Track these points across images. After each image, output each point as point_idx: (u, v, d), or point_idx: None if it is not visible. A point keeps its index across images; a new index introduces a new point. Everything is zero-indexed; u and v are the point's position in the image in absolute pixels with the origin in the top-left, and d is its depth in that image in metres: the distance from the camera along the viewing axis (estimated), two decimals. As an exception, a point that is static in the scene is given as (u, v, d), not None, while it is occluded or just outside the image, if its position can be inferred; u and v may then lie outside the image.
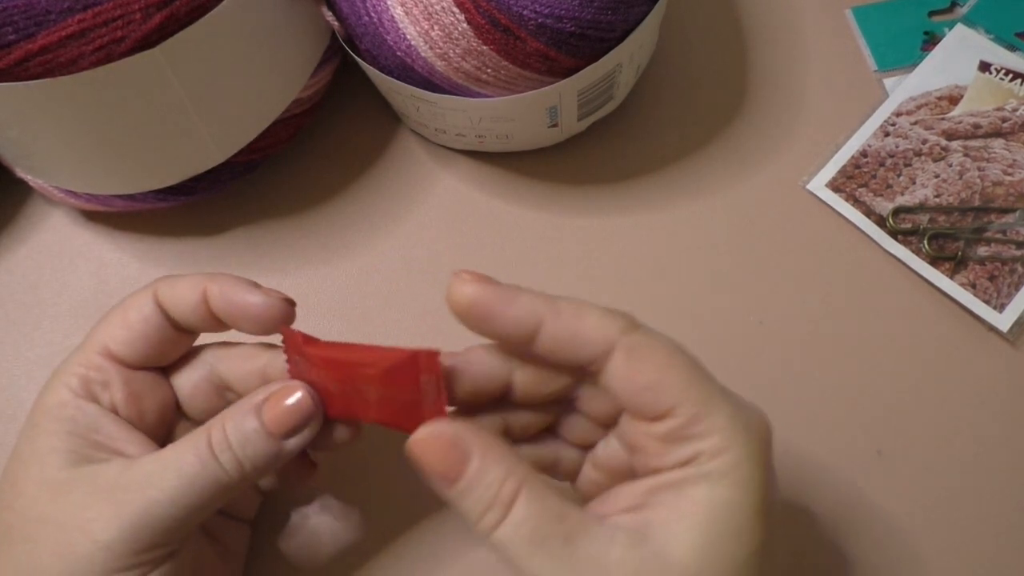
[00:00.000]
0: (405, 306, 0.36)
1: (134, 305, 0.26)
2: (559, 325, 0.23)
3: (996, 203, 0.37)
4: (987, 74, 0.39)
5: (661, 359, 0.23)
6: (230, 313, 0.26)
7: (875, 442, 0.33)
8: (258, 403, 0.25)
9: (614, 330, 0.23)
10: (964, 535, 0.31)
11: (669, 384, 0.23)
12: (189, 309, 0.26)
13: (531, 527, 0.22)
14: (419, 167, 0.39)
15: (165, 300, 0.26)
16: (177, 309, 0.26)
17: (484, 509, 0.23)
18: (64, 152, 0.32)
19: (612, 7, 0.31)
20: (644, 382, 0.23)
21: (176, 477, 0.24)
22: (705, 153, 0.39)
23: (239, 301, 0.26)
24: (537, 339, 0.23)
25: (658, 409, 0.23)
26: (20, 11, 0.27)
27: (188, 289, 0.26)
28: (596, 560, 0.22)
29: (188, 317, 0.26)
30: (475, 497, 0.23)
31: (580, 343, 0.23)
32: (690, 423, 0.23)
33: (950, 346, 0.35)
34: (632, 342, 0.23)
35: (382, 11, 0.31)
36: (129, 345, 0.26)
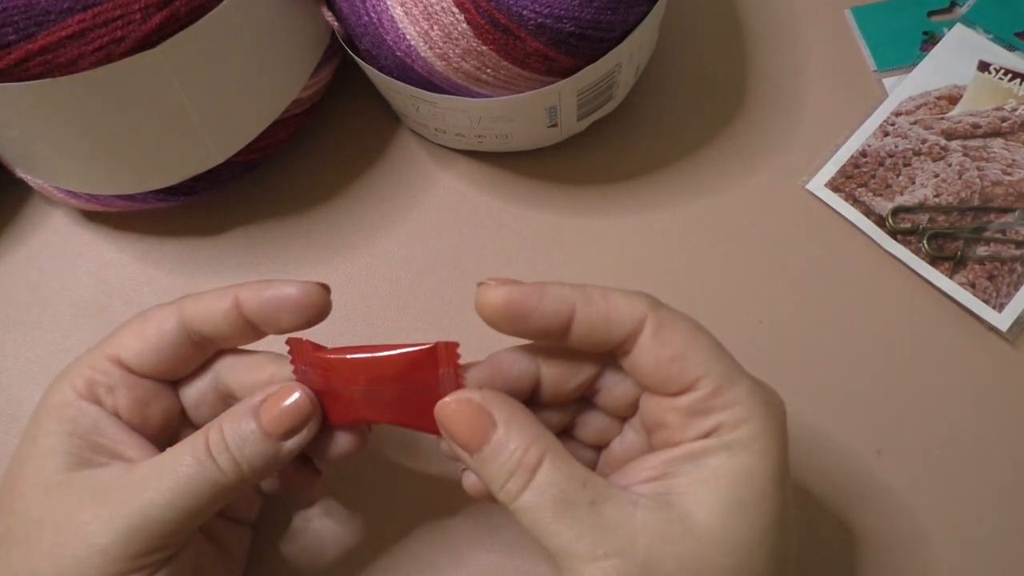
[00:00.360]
0: (405, 306, 0.36)
1: (154, 318, 0.26)
2: (592, 310, 0.24)
3: (995, 203, 0.37)
4: (986, 74, 0.39)
5: (687, 333, 0.24)
6: (267, 312, 0.25)
7: (875, 442, 0.33)
8: (255, 404, 0.25)
9: (642, 307, 0.24)
10: (964, 535, 0.31)
11: (695, 356, 0.24)
12: (220, 318, 0.26)
13: (556, 492, 0.22)
14: (419, 167, 0.39)
15: (192, 315, 0.26)
16: (206, 322, 0.26)
17: (508, 474, 0.23)
18: (64, 152, 0.32)
19: (612, 7, 0.31)
20: (671, 353, 0.24)
21: (173, 479, 0.24)
22: (705, 153, 0.39)
23: (276, 297, 0.25)
24: (572, 327, 0.24)
25: (684, 381, 0.24)
26: (20, 11, 0.27)
27: (216, 299, 0.26)
28: (621, 523, 0.22)
29: (219, 327, 0.26)
30: (499, 462, 0.23)
31: (613, 323, 0.24)
32: (713, 395, 0.23)
33: (950, 346, 0.35)
34: (660, 317, 0.24)
35: (382, 11, 0.31)
36: (140, 356, 0.26)
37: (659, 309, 0.24)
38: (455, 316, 0.36)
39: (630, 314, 0.24)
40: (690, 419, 0.24)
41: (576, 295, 0.24)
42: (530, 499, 0.23)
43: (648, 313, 0.24)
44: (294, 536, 0.32)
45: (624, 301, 0.24)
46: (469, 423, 0.24)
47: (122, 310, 0.37)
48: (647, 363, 0.24)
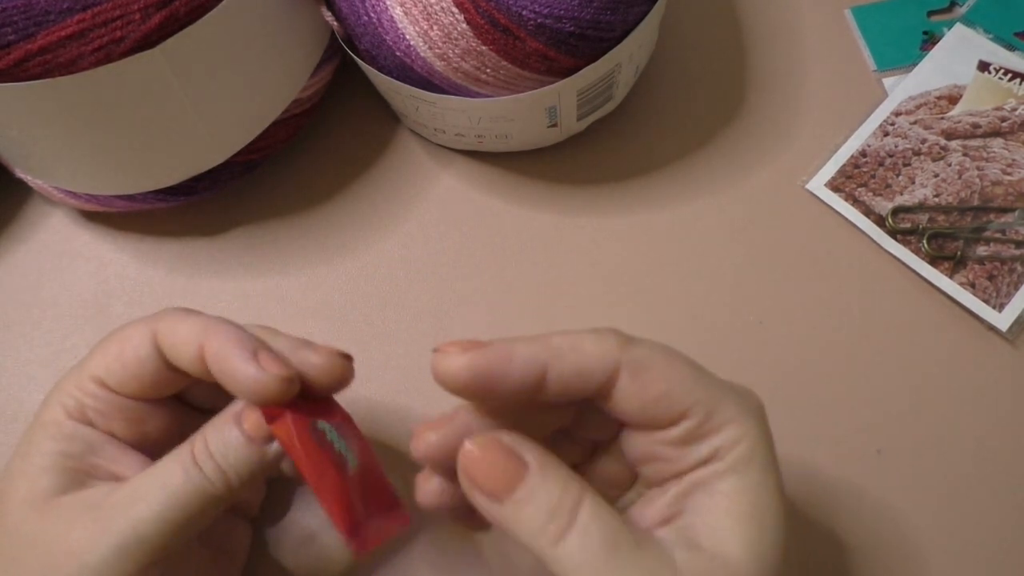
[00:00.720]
0: (405, 306, 0.36)
1: (131, 341, 0.25)
2: (564, 365, 0.22)
3: (995, 202, 0.37)
4: (986, 74, 0.39)
5: (664, 368, 0.23)
6: (221, 379, 0.24)
7: (875, 442, 0.33)
8: (237, 412, 0.25)
9: (613, 350, 0.23)
10: (964, 534, 0.31)
11: (678, 389, 0.23)
12: (187, 361, 0.24)
13: (603, 534, 0.21)
14: (418, 167, 0.39)
15: (164, 345, 0.25)
16: (176, 357, 0.25)
17: (547, 518, 0.21)
18: (64, 152, 0.32)
19: (611, 7, 0.31)
20: (655, 394, 0.23)
21: (162, 493, 0.23)
22: (704, 153, 0.39)
23: (231, 370, 0.23)
24: (546, 386, 0.22)
25: (671, 416, 0.23)
26: (20, 11, 0.27)
27: (188, 338, 0.24)
28: (666, 565, 0.21)
29: (186, 367, 0.25)
30: (536, 505, 0.21)
31: (587, 375, 0.23)
32: (704, 421, 0.23)
33: (949, 345, 0.35)
34: (632, 358, 0.23)
35: (381, 11, 0.31)
36: (124, 383, 0.25)
37: (631, 349, 0.23)
38: (455, 316, 0.36)
39: (602, 362, 0.23)
40: (685, 448, 0.23)
41: (545, 352, 0.22)
42: (576, 542, 0.21)
43: (621, 357, 0.23)
44: (294, 536, 0.32)
45: (594, 348, 0.23)
46: (499, 467, 0.22)
47: (122, 310, 0.37)
48: (631, 407, 0.23)
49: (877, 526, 0.32)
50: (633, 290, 0.36)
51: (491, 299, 0.36)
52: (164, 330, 0.25)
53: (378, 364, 0.35)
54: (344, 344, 0.35)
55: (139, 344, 0.25)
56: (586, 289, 0.36)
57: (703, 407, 0.23)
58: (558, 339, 0.23)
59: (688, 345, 0.35)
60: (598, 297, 0.36)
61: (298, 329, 0.36)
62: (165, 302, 0.37)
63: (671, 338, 0.35)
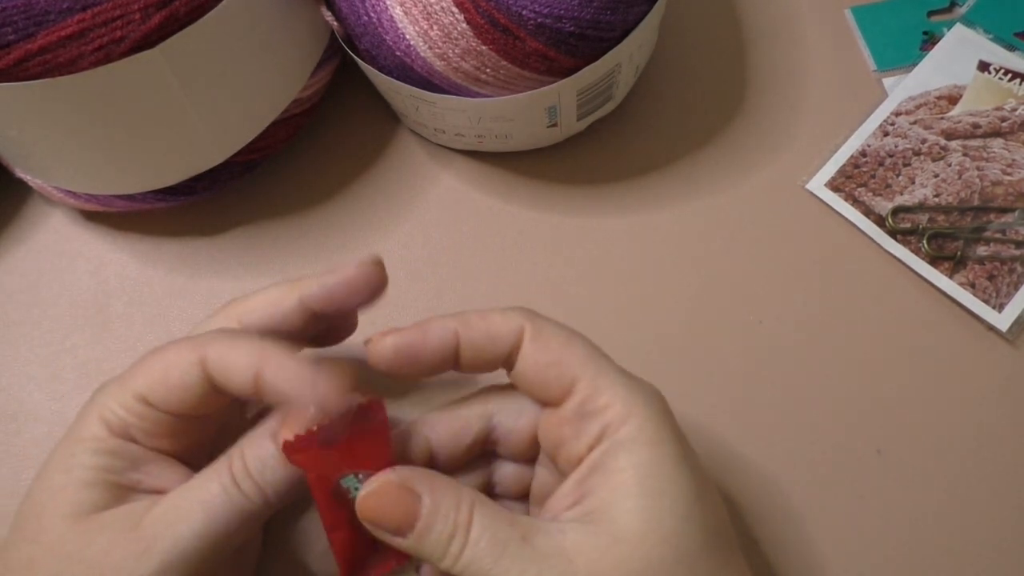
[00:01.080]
0: (404, 306, 0.36)
1: (178, 366, 0.25)
2: (473, 332, 0.25)
3: (995, 203, 0.37)
4: (986, 74, 0.39)
5: (562, 339, 0.26)
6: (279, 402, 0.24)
7: (875, 442, 0.33)
8: (274, 429, 0.25)
9: (519, 319, 0.26)
10: (964, 534, 0.31)
11: (569, 359, 0.25)
12: (239, 388, 0.24)
13: (489, 537, 0.23)
14: (418, 167, 0.39)
15: (215, 371, 0.25)
16: (227, 384, 0.25)
17: (447, 540, 0.23)
18: (64, 152, 0.32)
19: (611, 7, 0.31)
20: (548, 359, 0.25)
21: (202, 512, 0.23)
22: (704, 153, 0.39)
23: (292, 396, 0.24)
24: (460, 353, 0.25)
25: (562, 385, 0.25)
26: (20, 11, 0.27)
27: (242, 366, 0.24)
28: (555, 550, 0.23)
29: (237, 392, 0.25)
30: (436, 532, 0.23)
31: (495, 339, 0.25)
32: (592, 396, 0.25)
33: (949, 346, 0.35)
34: (536, 327, 0.26)
35: (381, 11, 0.31)
36: (169, 404, 0.25)
37: (536, 319, 0.26)
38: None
39: (508, 328, 0.25)
40: (579, 425, 0.25)
41: (455, 323, 0.25)
42: (469, 554, 0.23)
43: (525, 324, 0.25)
44: (302, 538, 0.32)
45: (501, 317, 0.26)
46: (395, 506, 0.23)
47: (122, 310, 0.37)
48: (528, 370, 0.25)
49: (877, 526, 0.32)
50: (633, 290, 0.36)
51: (491, 299, 0.36)
52: (215, 357, 0.25)
53: (378, 364, 0.35)
54: (344, 344, 0.35)
55: (186, 370, 0.25)
56: (586, 289, 0.36)
57: (589, 382, 0.25)
58: (469, 313, 0.26)
59: (688, 345, 0.35)
60: (598, 297, 0.36)
61: (298, 329, 0.36)
62: (165, 302, 0.37)
63: (671, 338, 0.35)
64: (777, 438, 0.33)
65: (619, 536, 0.23)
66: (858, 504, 0.32)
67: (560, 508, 0.25)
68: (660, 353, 0.35)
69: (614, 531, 0.23)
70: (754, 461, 0.33)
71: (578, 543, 0.23)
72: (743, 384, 0.34)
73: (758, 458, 0.33)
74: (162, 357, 0.25)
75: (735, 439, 0.33)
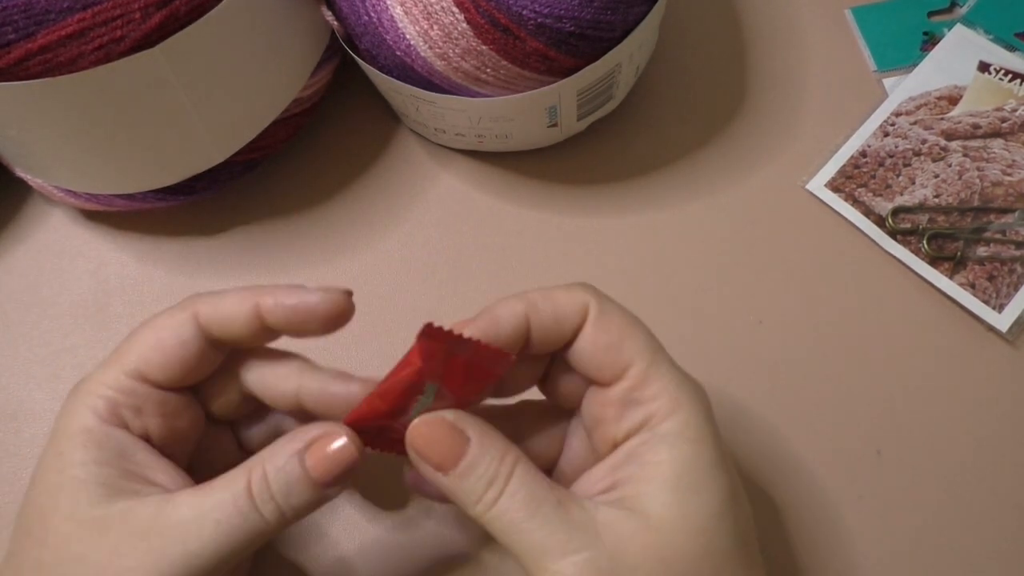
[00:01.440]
0: (405, 306, 0.36)
1: (170, 326, 0.25)
2: (541, 315, 0.25)
3: (995, 203, 0.37)
4: (986, 74, 0.39)
5: (624, 322, 0.25)
6: (292, 320, 0.25)
7: (875, 442, 0.33)
8: (300, 449, 0.24)
9: (584, 295, 0.25)
10: (964, 535, 0.31)
11: (628, 344, 0.25)
12: (239, 325, 0.25)
13: (527, 493, 0.23)
14: (418, 167, 0.39)
15: (209, 320, 0.25)
16: (225, 328, 0.25)
17: (486, 485, 0.24)
18: (64, 152, 0.32)
19: (612, 7, 0.31)
20: (608, 341, 0.25)
21: (214, 529, 0.23)
22: (704, 153, 0.39)
23: (301, 306, 0.25)
24: (531, 337, 0.25)
25: (616, 368, 0.25)
26: (20, 10, 0.27)
27: (235, 305, 0.25)
28: (586, 522, 0.23)
29: (238, 333, 0.25)
30: (476, 475, 0.24)
31: (562, 320, 0.25)
32: (641, 384, 0.25)
33: (949, 346, 0.35)
34: (602, 305, 0.25)
35: (381, 11, 0.31)
36: (165, 369, 0.25)
37: (601, 298, 0.26)
38: (455, 316, 0.36)
39: (574, 307, 0.25)
40: (623, 411, 0.25)
41: (523, 306, 0.25)
42: (504, 504, 0.23)
43: (591, 300, 0.25)
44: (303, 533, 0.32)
45: (566, 296, 0.25)
46: (443, 442, 0.24)
47: (122, 310, 0.37)
48: (586, 349, 0.25)
49: (877, 526, 0.32)
50: (633, 290, 0.36)
51: (491, 299, 0.36)
52: (204, 308, 0.25)
53: (378, 364, 0.35)
54: (344, 344, 0.35)
55: (179, 328, 0.25)
56: (586, 289, 0.36)
57: (641, 369, 0.25)
58: (533, 293, 0.26)
59: (688, 345, 0.35)
60: (598, 297, 0.36)
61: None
62: (165, 302, 0.36)
63: (671, 338, 0.35)
64: (777, 438, 0.33)
65: (651, 524, 0.23)
66: (858, 504, 0.32)
67: (593, 490, 0.25)
68: (660, 353, 0.35)
69: (645, 518, 0.23)
70: (754, 461, 0.33)
71: (609, 522, 0.23)
72: (743, 384, 0.34)
73: (758, 458, 0.33)
74: (150, 326, 0.26)
75: (735, 439, 0.33)
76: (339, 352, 0.35)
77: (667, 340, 0.35)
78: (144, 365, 0.25)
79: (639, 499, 0.24)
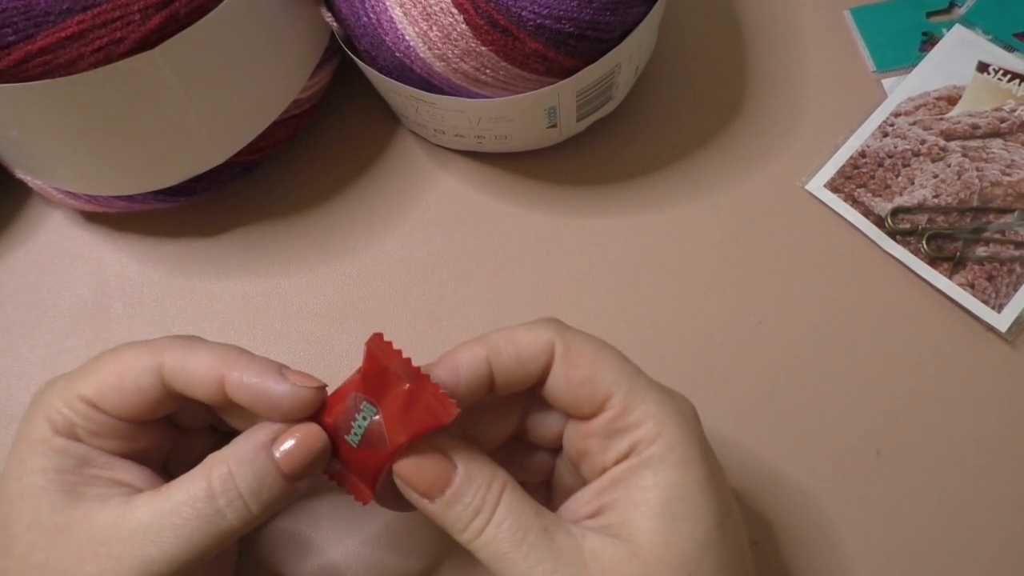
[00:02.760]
0: (405, 306, 0.36)
1: (133, 369, 0.24)
2: (503, 358, 0.25)
3: (994, 203, 0.37)
4: (985, 75, 0.39)
5: (593, 354, 0.25)
6: (252, 404, 0.24)
7: (875, 442, 0.33)
8: (266, 441, 0.24)
9: (548, 334, 0.25)
10: (964, 535, 0.31)
11: (602, 375, 0.24)
12: (202, 391, 0.24)
13: (513, 521, 0.23)
14: (418, 167, 0.39)
15: (173, 377, 0.24)
16: (188, 389, 0.24)
17: (472, 515, 0.23)
18: (64, 153, 0.32)
19: (611, 8, 0.31)
20: (581, 376, 0.24)
21: (173, 534, 0.23)
22: (704, 153, 0.39)
23: (263, 395, 0.24)
24: (494, 379, 0.25)
25: (595, 402, 0.24)
26: (20, 12, 0.27)
27: (202, 370, 0.24)
28: (573, 550, 0.23)
29: (200, 396, 0.24)
30: (463, 504, 0.23)
31: (526, 362, 0.25)
32: (623, 413, 0.24)
33: (949, 346, 0.35)
34: (566, 343, 0.25)
35: (381, 12, 0.31)
36: (119, 409, 0.25)
37: (565, 334, 0.25)
38: (455, 316, 0.36)
39: (538, 347, 0.25)
40: (607, 441, 0.24)
41: (484, 350, 0.25)
42: (491, 532, 0.23)
43: (555, 339, 0.25)
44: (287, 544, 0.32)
45: (529, 336, 0.25)
46: (430, 470, 0.24)
47: (122, 310, 0.37)
48: (560, 387, 0.25)
49: (877, 526, 0.32)
50: (633, 291, 0.36)
51: (491, 299, 0.36)
52: (171, 362, 0.24)
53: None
54: (343, 344, 0.35)
55: (140, 375, 0.24)
56: (585, 290, 0.36)
57: (622, 399, 0.24)
58: (495, 336, 0.25)
59: (688, 345, 0.35)
60: (598, 298, 0.36)
61: (298, 329, 0.36)
62: (165, 302, 0.37)
63: (671, 338, 0.35)
64: (776, 438, 0.33)
65: (635, 553, 0.23)
66: (858, 504, 0.32)
67: (580, 514, 0.25)
68: (660, 353, 0.35)
69: (631, 547, 0.23)
70: (753, 461, 0.33)
71: (596, 550, 0.23)
72: (742, 384, 0.34)
73: (758, 458, 0.33)
74: (114, 361, 0.25)
75: (735, 439, 0.33)
76: (337, 354, 0.35)
77: (667, 340, 0.35)
78: (99, 398, 0.25)
79: (625, 526, 0.23)
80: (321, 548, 0.32)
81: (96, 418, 0.25)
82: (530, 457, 0.28)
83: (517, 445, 0.28)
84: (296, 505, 0.32)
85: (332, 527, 0.32)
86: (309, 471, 0.24)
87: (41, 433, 0.25)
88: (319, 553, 0.32)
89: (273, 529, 0.32)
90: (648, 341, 0.35)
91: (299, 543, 0.32)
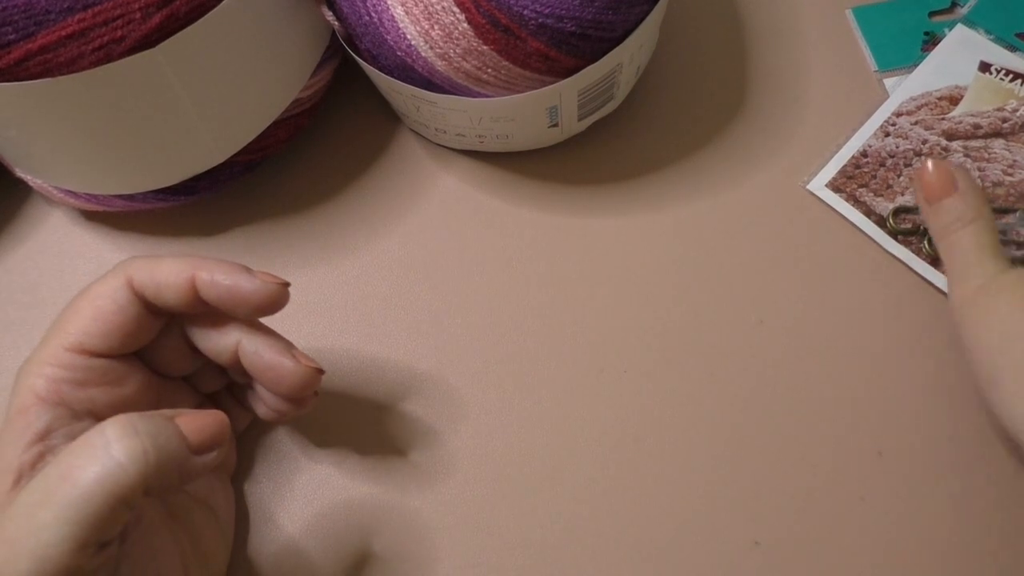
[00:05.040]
0: (405, 306, 0.36)
1: (105, 294, 0.25)
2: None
3: (996, 203, 0.37)
4: (987, 74, 0.39)
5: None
6: (223, 300, 0.25)
7: (875, 443, 0.33)
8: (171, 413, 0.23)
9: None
10: (965, 536, 0.31)
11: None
12: (173, 296, 0.25)
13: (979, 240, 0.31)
14: (419, 167, 0.39)
15: (143, 287, 0.25)
16: (159, 296, 0.25)
17: (951, 221, 0.31)
18: (64, 152, 0.32)
19: (613, 7, 0.31)
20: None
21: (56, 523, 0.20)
22: (705, 153, 0.39)
23: (233, 287, 0.25)
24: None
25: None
26: (20, 10, 0.27)
27: (171, 275, 0.25)
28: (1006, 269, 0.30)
29: (171, 303, 0.26)
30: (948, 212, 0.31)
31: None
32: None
33: (950, 346, 0.35)
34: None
35: (382, 11, 0.31)
36: (105, 338, 0.25)
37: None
38: (455, 316, 0.36)
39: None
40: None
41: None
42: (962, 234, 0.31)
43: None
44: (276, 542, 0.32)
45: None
46: (938, 182, 0.32)
47: (122, 310, 0.37)
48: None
49: (877, 527, 0.32)
50: (633, 290, 0.36)
51: (491, 299, 0.36)
52: (138, 273, 0.26)
53: (378, 364, 0.35)
54: (343, 344, 0.35)
55: (114, 295, 0.25)
56: (586, 289, 0.36)
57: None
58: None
59: (689, 345, 0.35)
60: (598, 297, 0.36)
61: (298, 328, 0.36)
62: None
63: (671, 338, 0.35)
64: (776, 439, 0.33)
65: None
66: (859, 506, 0.32)
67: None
68: (660, 353, 0.35)
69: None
70: (753, 462, 0.33)
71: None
72: (742, 384, 0.34)
73: (757, 459, 0.33)
74: (86, 296, 0.26)
75: (734, 439, 0.33)
76: (339, 353, 0.35)
77: (667, 340, 0.35)
78: (84, 337, 0.25)
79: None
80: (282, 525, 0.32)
81: (81, 364, 0.25)
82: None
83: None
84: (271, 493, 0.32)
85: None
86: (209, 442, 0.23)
87: (19, 403, 0.25)
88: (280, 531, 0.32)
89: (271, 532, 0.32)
90: (648, 340, 0.35)
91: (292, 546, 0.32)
